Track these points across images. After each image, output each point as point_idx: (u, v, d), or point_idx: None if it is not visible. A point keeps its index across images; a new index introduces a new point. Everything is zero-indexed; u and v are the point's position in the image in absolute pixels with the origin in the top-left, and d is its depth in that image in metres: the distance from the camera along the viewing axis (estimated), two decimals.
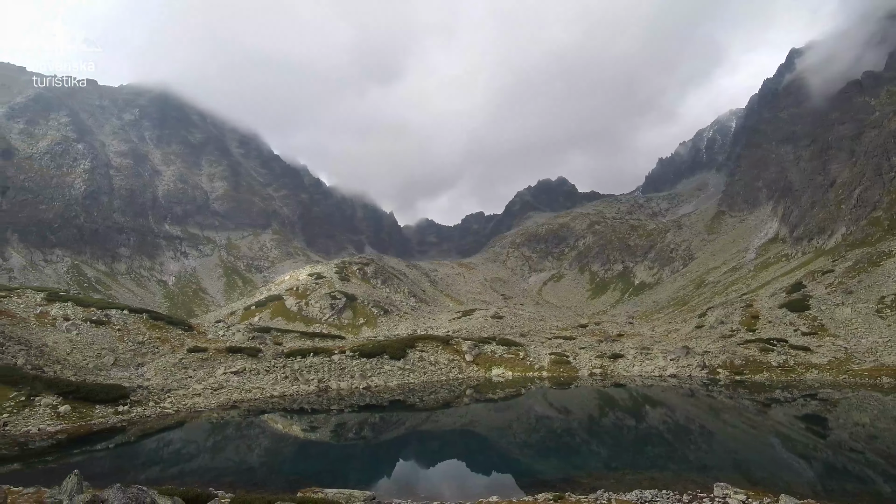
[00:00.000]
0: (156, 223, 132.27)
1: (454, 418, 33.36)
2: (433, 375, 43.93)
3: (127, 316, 45.76)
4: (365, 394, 37.73)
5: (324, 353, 43.17)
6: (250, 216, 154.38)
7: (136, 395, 29.96)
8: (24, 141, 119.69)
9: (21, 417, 24.67)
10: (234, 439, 27.05)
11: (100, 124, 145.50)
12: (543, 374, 46.96)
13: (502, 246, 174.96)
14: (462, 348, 49.97)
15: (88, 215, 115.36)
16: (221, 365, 38.57)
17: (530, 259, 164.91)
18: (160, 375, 35.91)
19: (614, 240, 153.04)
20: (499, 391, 41.30)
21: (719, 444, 25.82)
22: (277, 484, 18.29)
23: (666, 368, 46.12)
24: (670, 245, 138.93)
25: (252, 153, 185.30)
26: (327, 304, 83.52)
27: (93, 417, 26.43)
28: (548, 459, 23.55)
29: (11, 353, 31.97)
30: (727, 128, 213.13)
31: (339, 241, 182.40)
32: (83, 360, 36.52)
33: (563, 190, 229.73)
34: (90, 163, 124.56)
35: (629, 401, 38.13)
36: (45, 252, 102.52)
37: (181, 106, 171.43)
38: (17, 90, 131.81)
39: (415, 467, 23.92)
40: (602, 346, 54.64)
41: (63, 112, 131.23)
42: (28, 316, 40.18)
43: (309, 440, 27.31)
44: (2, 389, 26.02)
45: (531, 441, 27.90)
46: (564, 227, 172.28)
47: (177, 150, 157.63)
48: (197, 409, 30.69)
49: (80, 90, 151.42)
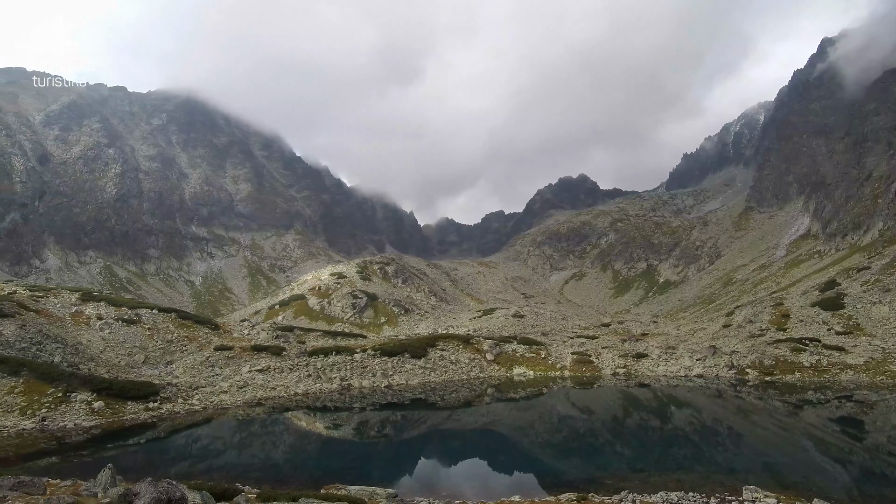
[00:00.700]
0: (183, 225, 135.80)
1: (475, 417, 33.31)
2: (454, 374, 43.94)
3: (156, 315, 47.12)
4: (386, 392, 38.00)
5: (346, 352, 43.64)
6: (273, 217, 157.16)
7: (165, 391, 30.82)
8: (59, 147, 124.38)
9: (58, 413, 25.66)
10: (260, 436, 27.59)
11: (129, 129, 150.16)
12: (565, 374, 46.49)
13: (523, 244, 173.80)
14: (483, 347, 49.84)
15: (119, 218, 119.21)
16: (247, 363, 39.37)
17: (551, 257, 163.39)
18: (188, 373, 36.86)
19: (638, 237, 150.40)
20: (520, 390, 41.06)
21: (749, 447, 25.11)
22: (302, 480, 18.58)
23: (692, 368, 45.10)
24: (696, 242, 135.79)
25: (275, 155, 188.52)
26: (349, 303, 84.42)
27: (125, 413, 27.31)
28: (570, 460, 23.30)
29: (49, 351, 33.29)
30: (755, 121, 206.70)
31: (359, 241, 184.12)
32: (115, 357, 37.78)
33: (584, 187, 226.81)
34: (121, 167, 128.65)
35: (654, 401, 37.42)
36: (79, 254, 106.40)
37: (206, 110, 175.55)
38: (52, 98, 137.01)
39: (436, 466, 23.97)
40: (625, 346, 53.77)
41: (95, 118, 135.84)
42: (64, 315, 41.75)
43: (332, 438, 27.65)
44: (41, 386, 27.12)
45: (553, 441, 27.65)
46: (586, 224, 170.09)
47: (202, 154, 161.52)
48: (224, 406, 31.40)
49: (110, 97, 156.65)
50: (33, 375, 27.59)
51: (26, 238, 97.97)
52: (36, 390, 26.71)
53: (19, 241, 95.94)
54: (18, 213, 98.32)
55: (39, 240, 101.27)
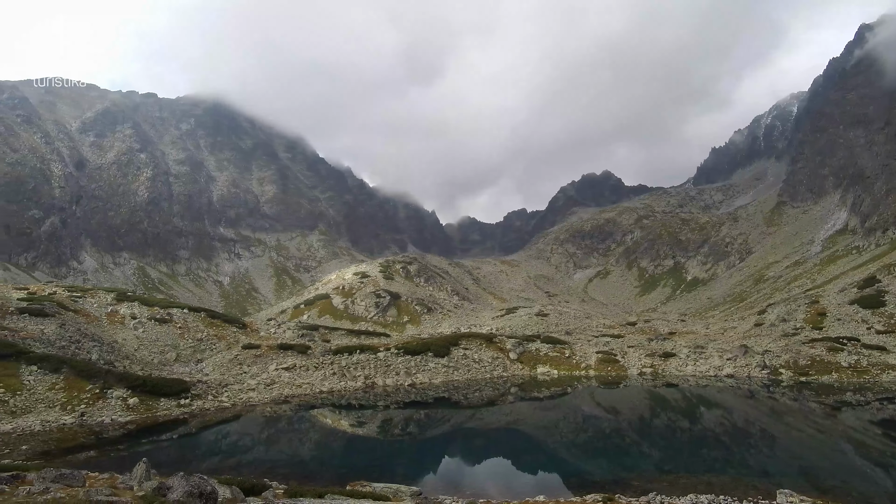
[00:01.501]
0: (211, 226, 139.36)
1: (499, 416, 33.18)
2: (477, 373, 43.88)
3: (187, 314, 48.51)
4: (410, 390, 38.20)
5: (369, 351, 44.06)
6: (298, 218, 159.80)
7: (196, 389, 31.69)
8: (94, 153, 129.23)
9: (96, 409, 26.68)
10: (287, 433, 28.11)
11: (160, 134, 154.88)
12: (590, 373, 45.89)
13: (546, 242, 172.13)
14: (506, 346, 49.61)
15: (151, 220, 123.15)
16: (273, 361, 40.15)
17: (575, 255, 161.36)
18: (217, 371, 37.81)
19: (664, 234, 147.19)
20: (544, 390, 40.72)
21: (783, 449, 24.29)
22: (327, 477, 18.83)
23: (722, 368, 43.90)
24: (725, 239, 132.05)
25: (299, 157, 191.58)
26: (372, 302, 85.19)
27: (158, 409, 28.20)
28: (596, 460, 22.98)
29: (87, 349, 34.65)
30: (787, 113, 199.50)
31: (382, 241, 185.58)
32: (149, 355, 39.05)
33: (608, 184, 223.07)
34: (152, 171, 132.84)
35: (682, 401, 36.58)
36: (113, 255, 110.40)
37: (232, 114, 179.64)
38: (87, 106, 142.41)
39: (460, 464, 23.97)
40: (652, 345, 52.72)
41: (127, 124, 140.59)
42: (100, 315, 43.39)
43: (357, 435, 27.95)
44: (79, 382, 28.25)
45: (578, 441, 27.32)
46: (610, 222, 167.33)
47: (229, 157, 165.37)
48: (251, 403, 32.11)
49: (142, 103, 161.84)
50: (73, 372, 28.76)
51: (65, 241, 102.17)
52: (75, 387, 27.83)
53: (58, 243, 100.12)
54: (57, 216, 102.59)
55: (77, 242, 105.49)
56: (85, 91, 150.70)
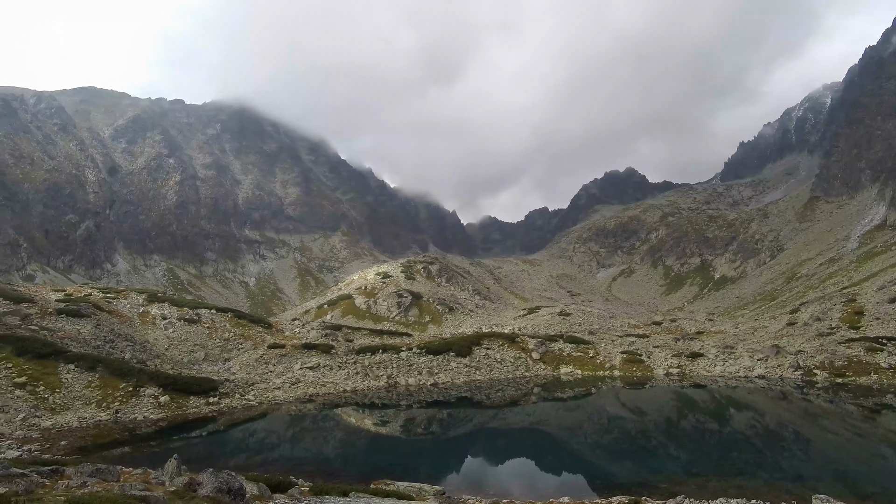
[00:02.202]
0: (237, 229, 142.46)
1: (522, 416, 32.98)
2: (499, 373, 43.69)
3: (215, 315, 49.70)
4: (432, 390, 38.28)
5: (392, 350, 44.33)
6: (321, 219, 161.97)
7: (224, 387, 32.44)
8: (126, 159, 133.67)
9: (129, 406, 27.57)
10: (312, 431, 28.52)
11: (187, 139, 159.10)
12: (615, 373, 45.18)
13: (568, 241, 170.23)
14: (528, 346, 49.25)
15: (180, 223, 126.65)
16: (298, 360, 40.79)
17: (598, 254, 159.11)
18: (244, 370, 38.63)
19: (690, 231, 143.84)
20: (567, 390, 40.29)
21: (818, 453, 23.44)
22: (351, 475, 19.03)
23: (752, 369, 42.63)
24: (755, 235, 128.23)
25: (321, 159, 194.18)
26: (394, 302, 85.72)
27: (188, 407, 28.97)
28: (621, 461, 22.60)
29: (120, 349, 35.85)
30: (820, 104, 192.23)
31: (403, 241, 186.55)
32: (179, 354, 40.16)
33: (632, 181, 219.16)
34: (180, 175, 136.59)
35: (711, 403, 35.68)
36: (144, 257, 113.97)
37: (257, 118, 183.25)
38: (119, 113, 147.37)
39: (483, 464, 23.90)
40: (679, 345, 51.57)
41: (157, 131, 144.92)
42: (133, 315, 44.83)
43: (380, 434, 28.17)
44: (114, 381, 29.24)
45: (603, 442, 26.92)
46: (635, 219, 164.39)
47: (253, 160, 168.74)
48: (277, 401, 32.68)
49: (170, 110, 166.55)
50: (107, 371, 29.78)
51: (99, 244, 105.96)
52: (110, 385, 28.82)
53: (93, 246, 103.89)
54: (92, 221, 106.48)
55: (110, 245, 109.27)
56: (117, 99, 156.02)
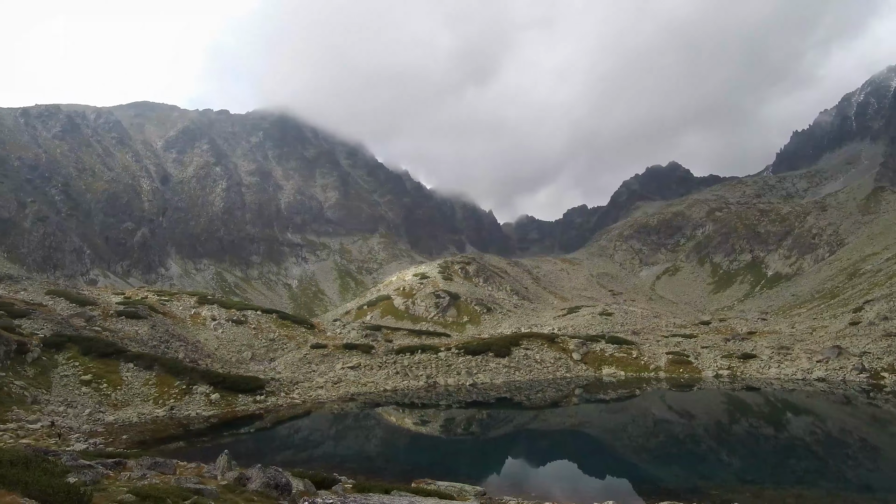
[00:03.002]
0: (280, 232, 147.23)
1: (563, 418, 32.44)
2: (539, 374, 43.15)
3: (260, 316, 51.57)
4: (471, 390, 38.24)
5: (431, 350, 44.59)
6: (359, 222, 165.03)
7: (270, 386, 33.58)
8: (177, 168, 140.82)
9: (183, 403, 29.00)
10: (354, 429, 29.10)
11: (232, 148, 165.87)
12: (660, 375, 43.70)
13: (609, 239, 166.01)
14: (569, 346, 48.39)
15: (227, 228, 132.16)
16: (339, 360, 41.70)
17: (640, 252, 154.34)
18: (288, 369, 39.86)
19: (740, 227, 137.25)
20: (610, 391, 39.31)
21: (888, 462, 21.83)
22: (393, 473, 19.25)
23: (811, 371, 40.20)
24: (812, 230, 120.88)
25: (359, 163, 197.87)
26: (432, 302, 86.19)
27: (236, 405, 30.17)
28: (669, 466, 21.82)
29: (174, 348, 37.76)
30: (885, 88, 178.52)
31: (440, 242, 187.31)
32: (227, 354, 41.90)
33: (675, 176, 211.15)
34: (226, 182, 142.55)
35: (766, 406, 33.92)
36: (195, 262, 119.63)
37: (297, 125, 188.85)
38: (170, 125, 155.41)
39: (524, 465, 23.66)
40: (729, 346, 49.33)
41: (204, 140, 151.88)
42: (185, 317, 47.15)
43: (420, 433, 28.39)
44: (169, 379, 30.84)
45: (649, 445, 26.08)
46: (679, 215, 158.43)
47: (294, 166, 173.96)
48: (320, 400, 33.53)
49: (216, 120, 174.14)
50: (163, 370, 31.44)
51: (153, 249, 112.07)
52: (165, 383, 30.41)
53: (148, 252, 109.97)
54: (147, 227, 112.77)
55: (164, 250, 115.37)
56: (168, 111, 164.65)
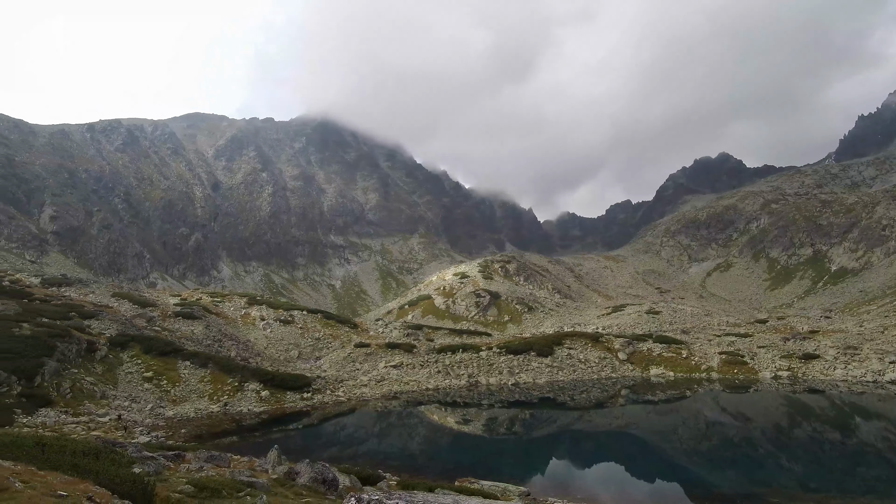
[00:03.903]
0: (323, 235, 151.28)
1: (609, 419, 31.63)
2: (583, 373, 42.25)
3: (306, 316, 53.19)
4: (514, 390, 37.93)
5: (472, 350, 44.57)
6: (399, 223, 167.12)
7: (316, 384, 34.57)
8: (226, 175, 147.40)
9: (235, 399, 30.32)
10: (397, 427, 29.51)
11: (277, 154, 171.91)
12: (712, 376, 41.81)
13: (655, 235, 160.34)
14: (614, 346, 47.13)
15: (273, 232, 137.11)
16: (382, 359, 42.39)
17: (689, 248, 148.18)
18: (333, 367, 40.89)
19: (799, 219, 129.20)
20: (659, 392, 37.97)
21: None
22: (436, 471, 19.38)
23: (883, 373, 37.32)
24: (881, 221, 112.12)
25: (398, 164, 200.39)
26: (472, 301, 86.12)
27: (285, 402, 31.25)
28: (723, 471, 20.83)
29: (227, 347, 39.55)
30: None
31: (480, 241, 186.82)
32: (276, 353, 43.47)
33: (726, 167, 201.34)
34: (272, 188, 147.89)
35: (831, 410, 31.78)
36: (244, 264, 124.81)
37: (338, 130, 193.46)
38: (219, 134, 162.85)
39: (569, 467, 23.23)
40: (789, 345, 46.56)
41: (251, 148, 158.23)
42: (236, 317, 49.29)
43: (462, 432, 28.42)
44: (222, 376, 32.33)
45: (701, 449, 25.01)
46: (731, 209, 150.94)
47: (336, 170, 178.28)
48: (364, 398, 34.20)
49: (262, 128, 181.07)
50: (217, 367, 32.99)
51: (206, 253, 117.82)
52: (219, 380, 31.89)
53: (201, 255, 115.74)
54: (200, 232, 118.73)
55: (215, 254, 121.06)
56: (217, 122, 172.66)
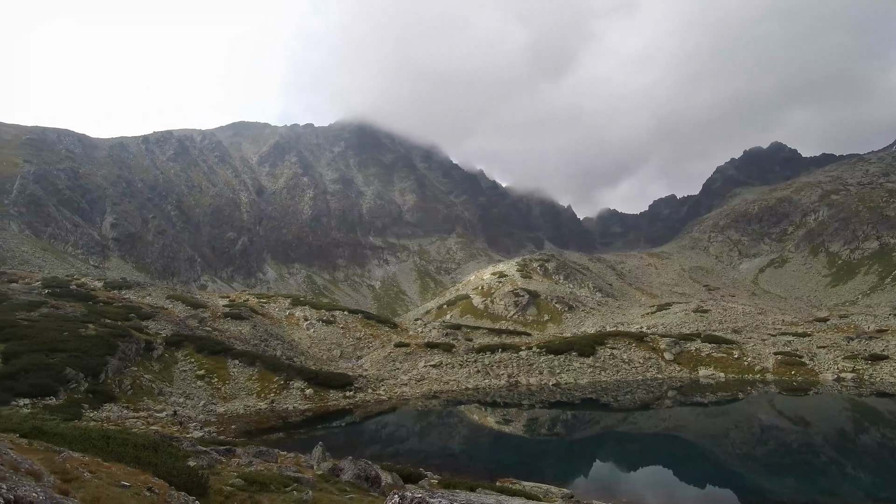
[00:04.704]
0: (362, 236, 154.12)
1: (655, 421, 30.61)
2: (627, 374, 41.07)
3: (347, 316, 54.32)
4: (554, 390, 37.35)
5: (511, 349, 44.20)
6: (436, 223, 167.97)
7: (357, 382, 35.24)
8: (270, 180, 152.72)
9: (281, 397, 31.34)
10: (437, 426, 29.65)
11: (317, 159, 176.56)
12: (767, 377, 39.71)
13: (702, 230, 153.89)
14: (660, 346, 45.56)
15: (315, 235, 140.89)
16: (422, 359, 42.71)
17: (740, 243, 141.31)
18: (374, 366, 41.56)
19: (862, 210, 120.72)
20: (708, 394, 36.42)
21: None
22: (477, 471, 19.32)
23: None
24: None
25: (434, 165, 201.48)
26: (511, 301, 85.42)
27: (328, 400, 32.02)
28: (781, 478, 19.72)
29: (273, 347, 40.92)
30: None
31: (517, 240, 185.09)
32: (319, 352, 44.62)
33: (779, 157, 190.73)
34: (313, 191, 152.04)
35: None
36: (288, 266, 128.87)
37: (375, 133, 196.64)
38: (263, 141, 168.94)
39: (613, 469, 22.63)
40: (853, 345, 43.59)
41: (293, 153, 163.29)
42: (281, 317, 50.94)
43: (503, 432, 28.23)
44: (269, 374, 33.49)
45: (756, 454, 23.78)
46: (785, 201, 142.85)
47: (374, 172, 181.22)
48: (404, 397, 34.57)
49: (303, 133, 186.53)
50: (264, 366, 34.20)
51: (252, 256, 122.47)
52: (266, 378, 33.05)
53: (248, 258, 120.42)
54: (246, 236, 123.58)
55: (261, 257, 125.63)
56: (260, 129, 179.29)
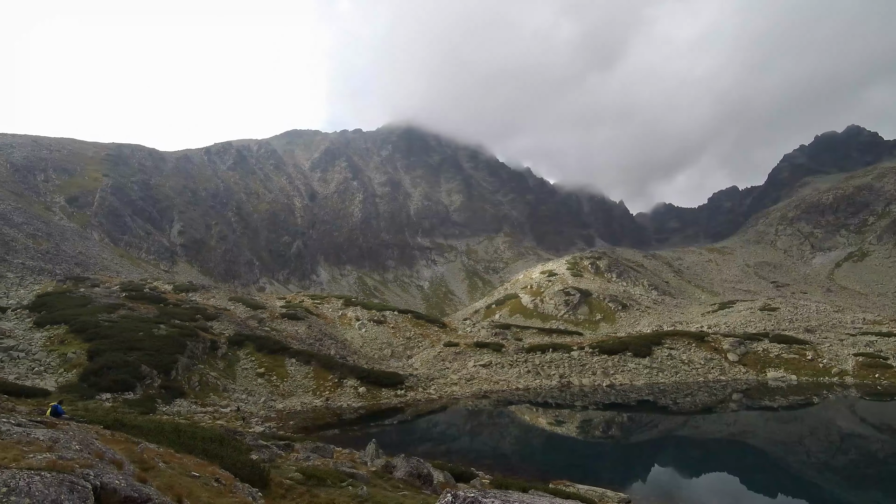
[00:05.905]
0: (410, 237, 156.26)
1: (719, 425, 29.03)
2: (686, 376, 39.19)
3: (397, 316, 55.24)
4: (609, 392, 36.26)
5: (562, 349, 43.32)
6: (483, 222, 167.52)
7: (408, 381, 35.76)
8: (321, 185, 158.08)
9: (336, 395, 32.31)
10: (488, 426, 29.55)
11: (366, 162, 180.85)
12: (846, 380, 36.68)
13: (768, 223, 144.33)
14: (722, 346, 43.16)
15: (365, 237, 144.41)
16: (471, 358, 42.71)
17: (811, 236, 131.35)
18: (424, 366, 42.00)
19: None
20: (778, 398, 34.11)
21: None
22: (529, 472, 19.08)
23: None
24: None
25: (480, 165, 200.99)
26: (561, 300, 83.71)
27: (380, 398, 32.69)
28: (865, 490, 18.15)
29: (327, 346, 42.30)
30: None
31: (567, 237, 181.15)
32: (370, 351, 45.65)
33: (857, 142, 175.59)
34: (362, 195, 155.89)
35: None
36: (339, 268, 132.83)
37: (421, 135, 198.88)
38: (314, 148, 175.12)
39: (674, 475, 21.66)
40: None
41: (342, 159, 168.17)
42: (334, 317, 52.54)
43: (555, 434, 27.72)
44: (323, 373, 34.63)
45: (834, 463, 22.02)
46: (865, 189, 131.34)
47: (421, 174, 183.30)
48: (455, 396, 34.70)
49: (352, 139, 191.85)
50: (319, 365, 35.41)
51: (306, 259, 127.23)
52: (321, 376, 34.20)
53: (302, 261, 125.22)
54: (300, 240, 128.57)
55: (314, 259, 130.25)
56: (312, 136, 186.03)
